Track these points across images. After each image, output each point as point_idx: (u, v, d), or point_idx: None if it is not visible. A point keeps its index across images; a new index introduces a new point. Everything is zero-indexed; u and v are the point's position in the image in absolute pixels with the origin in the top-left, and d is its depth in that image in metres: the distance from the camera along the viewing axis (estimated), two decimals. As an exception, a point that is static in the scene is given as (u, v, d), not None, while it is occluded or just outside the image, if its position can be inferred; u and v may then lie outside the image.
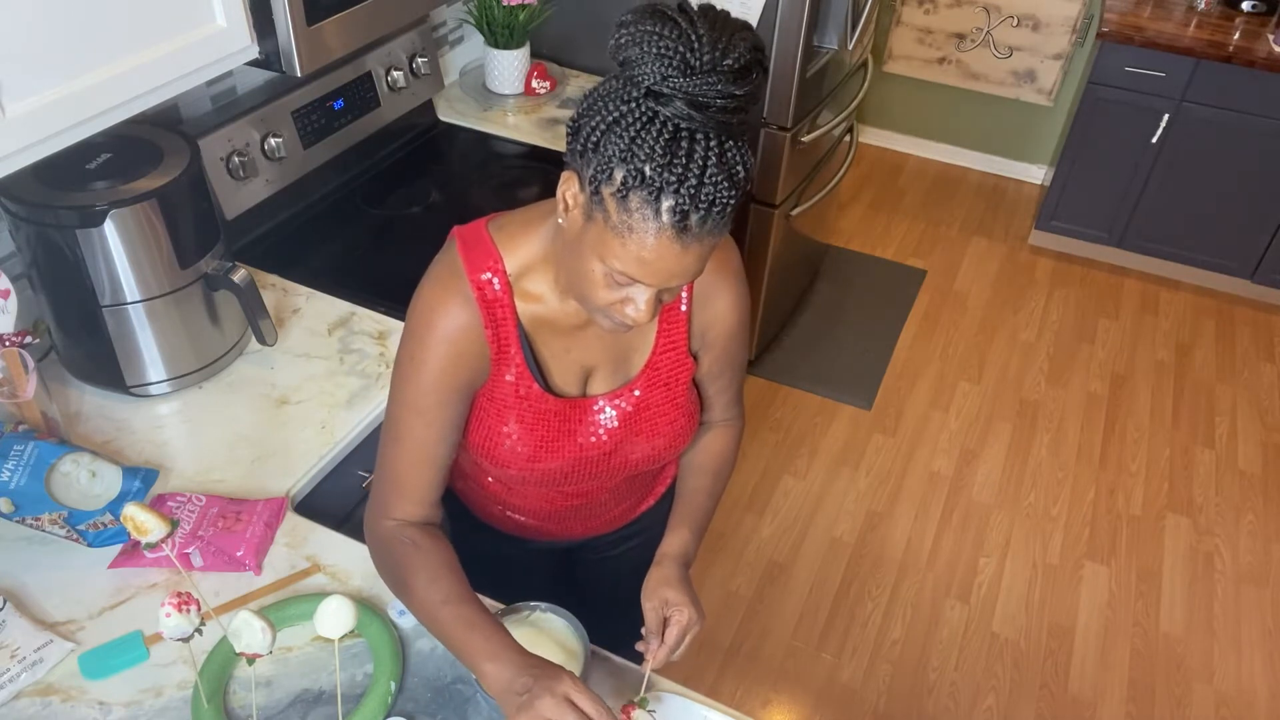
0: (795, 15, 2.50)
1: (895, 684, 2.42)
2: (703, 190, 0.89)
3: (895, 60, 4.36)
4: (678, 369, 1.22)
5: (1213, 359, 3.53)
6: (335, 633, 1.04)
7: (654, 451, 1.26)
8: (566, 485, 1.28)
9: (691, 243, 0.93)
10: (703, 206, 0.90)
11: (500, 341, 1.12)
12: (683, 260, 0.94)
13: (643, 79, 0.89)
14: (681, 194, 0.89)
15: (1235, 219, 3.64)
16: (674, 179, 0.88)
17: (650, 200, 0.90)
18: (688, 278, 0.98)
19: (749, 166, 0.94)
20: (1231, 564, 2.78)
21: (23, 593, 1.28)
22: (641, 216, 0.91)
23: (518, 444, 1.19)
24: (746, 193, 0.95)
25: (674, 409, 1.24)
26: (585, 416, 1.21)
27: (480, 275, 1.10)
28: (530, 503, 1.35)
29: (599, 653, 1.24)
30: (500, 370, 1.14)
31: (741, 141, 0.93)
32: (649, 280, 0.96)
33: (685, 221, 0.90)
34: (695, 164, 0.89)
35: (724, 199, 0.91)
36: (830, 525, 2.81)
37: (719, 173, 0.90)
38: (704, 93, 0.88)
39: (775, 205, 2.87)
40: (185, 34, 1.34)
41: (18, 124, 1.15)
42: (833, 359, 3.39)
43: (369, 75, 2.15)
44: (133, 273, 1.45)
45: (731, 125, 0.91)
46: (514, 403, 1.16)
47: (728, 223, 0.94)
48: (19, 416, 1.41)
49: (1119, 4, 3.67)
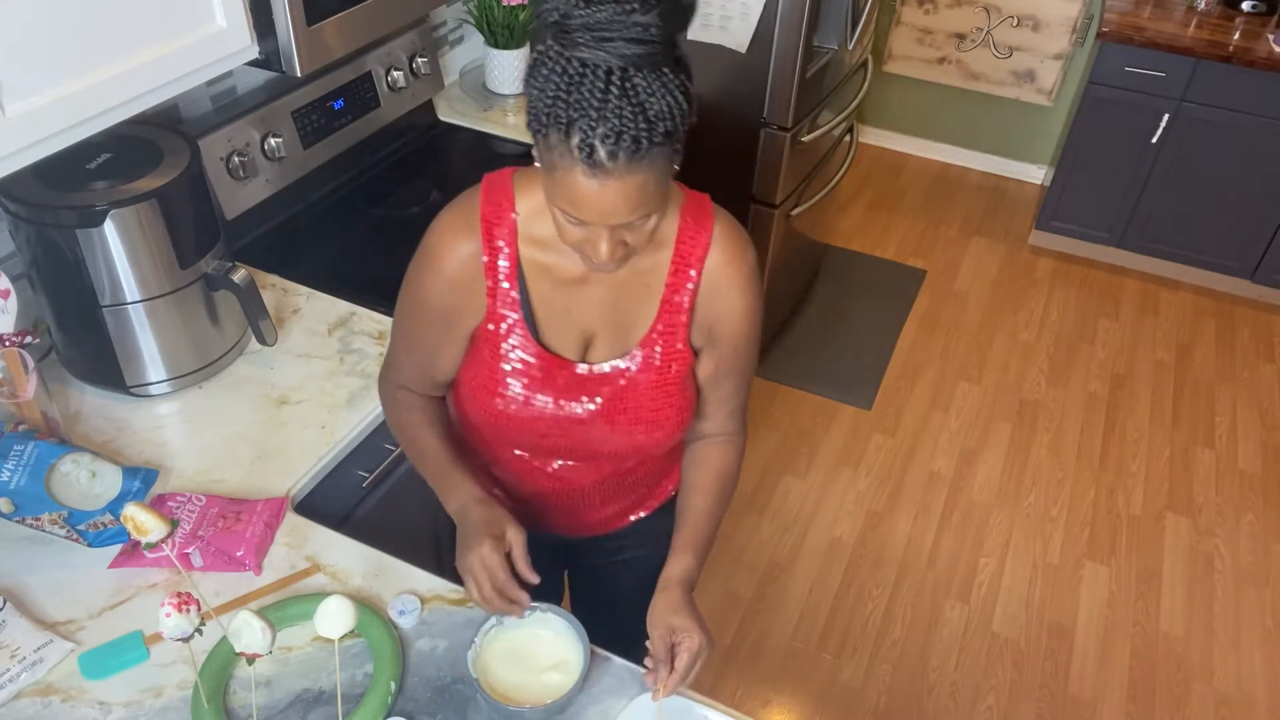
0: (795, 15, 2.50)
1: (895, 684, 2.42)
2: (604, 123, 0.90)
3: (895, 60, 4.36)
4: (673, 356, 1.20)
5: (1213, 359, 3.53)
6: (335, 633, 1.04)
7: (636, 437, 1.24)
8: (547, 456, 1.29)
9: (609, 179, 0.93)
10: (609, 140, 0.90)
11: (498, 277, 1.15)
12: (606, 196, 0.95)
13: (548, 15, 0.91)
14: (583, 127, 0.90)
15: (1235, 219, 3.64)
16: (576, 113, 0.90)
17: (562, 136, 0.92)
18: (623, 215, 0.97)
19: (674, 103, 0.93)
20: (1231, 564, 2.78)
21: (23, 593, 1.28)
22: (559, 154, 0.93)
23: (499, 386, 1.20)
24: (675, 133, 0.95)
25: (663, 397, 1.21)
26: (571, 379, 1.20)
27: (491, 211, 1.14)
28: (513, 477, 1.35)
29: (599, 653, 1.24)
30: (494, 305, 1.17)
31: (660, 75, 0.92)
32: (585, 217, 0.98)
33: (593, 155, 0.91)
34: (595, 96, 0.90)
35: (630, 132, 0.90)
36: (830, 525, 2.81)
37: (622, 105, 0.90)
38: (604, 24, 0.89)
39: (775, 205, 2.87)
40: (185, 34, 1.34)
41: (18, 124, 1.15)
42: (833, 359, 3.39)
43: (369, 75, 2.15)
44: (133, 273, 1.45)
45: (643, 58, 0.90)
46: (504, 343, 1.18)
47: (647, 159, 0.93)
48: (19, 416, 1.41)
49: (1119, 4, 3.67)
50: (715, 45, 2.64)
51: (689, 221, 1.16)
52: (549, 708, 1.13)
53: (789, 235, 3.10)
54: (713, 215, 1.18)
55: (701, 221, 1.16)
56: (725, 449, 1.33)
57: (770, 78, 2.64)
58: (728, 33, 2.61)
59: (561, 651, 1.20)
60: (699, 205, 1.18)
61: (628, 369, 1.20)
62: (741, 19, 2.56)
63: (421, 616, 1.27)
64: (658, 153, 0.94)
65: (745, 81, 2.67)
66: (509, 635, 1.21)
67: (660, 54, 0.91)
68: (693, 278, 1.17)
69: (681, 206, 1.16)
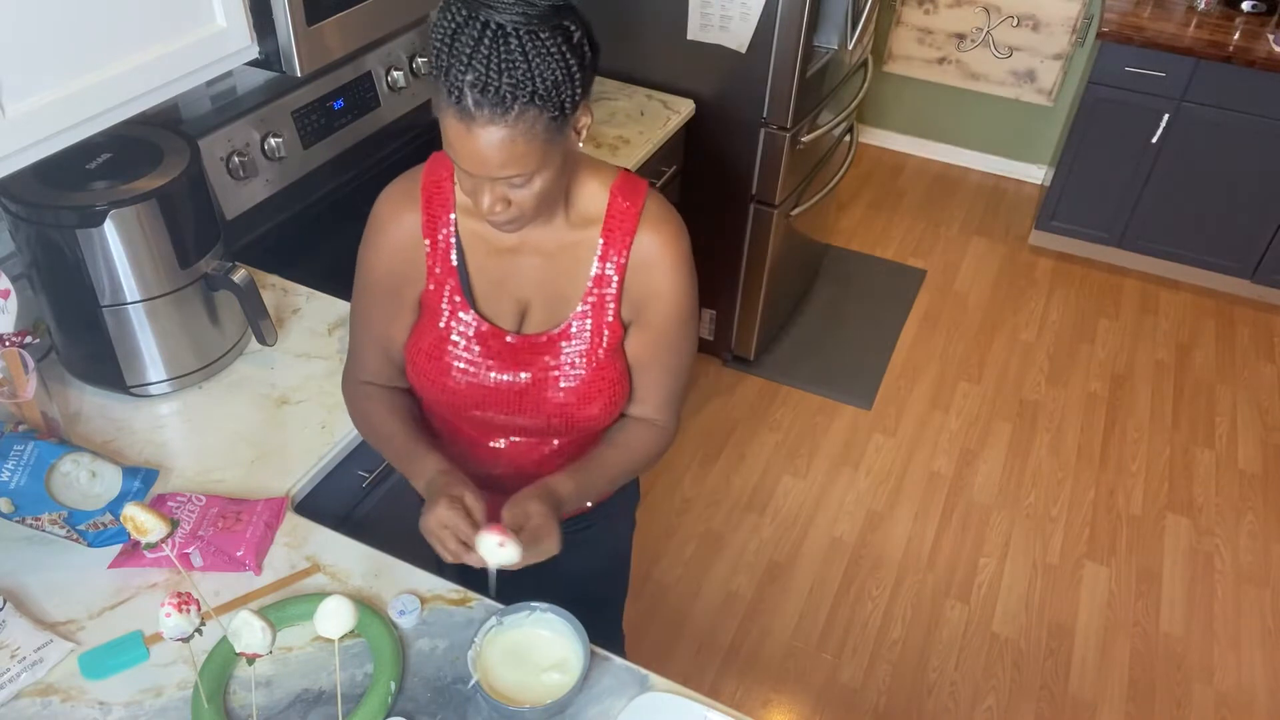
0: (795, 15, 2.50)
1: (895, 684, 2.42)
2: (472, 71, 0.96)
3: (895, 60, 4.36)
4: (603, 328, 1.23)
5: (1213, 359, 3.53)
6: (335, 633, 1.04)
7: (570, 411, 1.26)
8: (493, 431, 1.32)
9: (475, 126, 0.99)
10: (475, 88, 0.96)
11: (436, 245, 1.21)
12: (473, 143, 1.00)
13: None
14: (455, 73, 0.97)
15: (1235, 219, 3.64)
16: (452, 59, 0.97)
17: (441, 79, 0.98)
18: (494, 169, 1.02)
19: (548, 71, 0.98)
20: (1231, 564, 2.78)
21: (23, 593, 1.28)
22: (441, 96, 0.99)
23: (440, 353, 1.24)
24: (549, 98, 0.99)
25: (594, 370, 1.24)
26: (504, 348, 1.24)
27: (432, 183, 1.20)
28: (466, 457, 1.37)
29: (599, 653, 1.24)
30: (434, 272, 1.22)
31: (540, 40, 0.97)
32: (459, 162, 1.03)
33: (462, 100, 0.97)
34: (468, 46, 0.96)
35: (495, 84, 0.96)
36: (830, 525, 2.81)
37: (492, 57, 0.96)
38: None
39: (775, 205, 2.87)
40: (185, 34, 1.34)
41: (18, 124, 1.15)
42: (833, 359, 3.39)
43: (369, 75, 2.15)
44: (133, 273, 1.45)
45: (520, 21, 0.96)
46: (442, 308, 1.23)
47: (515, 114, 0.98)
48: (19, 416, 1.41)
49: (1119, 4, 3.67)
50: (715, 45, 2.64)
51: (618, 198, 1.20)
52: (549, 708, 1.13)
53: (789, 235, 3.10)
54: (645, 196, 1.21)
55: (632, 199, 1.20)
56: (650, 430, 1.35)
57: (770, 78, 2.64)
58: (728, 33, 2.61)
59: (561, 651, 1.20)
60: (632, 185, 1.21)
61: (559, 340, 1.23)
62: (741, 19, 2.56)
63: (421, 616, 1.27)
64: (528, 112, 0.99)
65: (745, 81, 2.67)
66: (509, 635, 1.21)
67: (538, 20, 0.97)
68: (622, 252, 1.20)
69: (613, 184, 1.20)
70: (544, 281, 1.22)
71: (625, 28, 2.72)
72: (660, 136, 2.55)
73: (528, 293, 1.23)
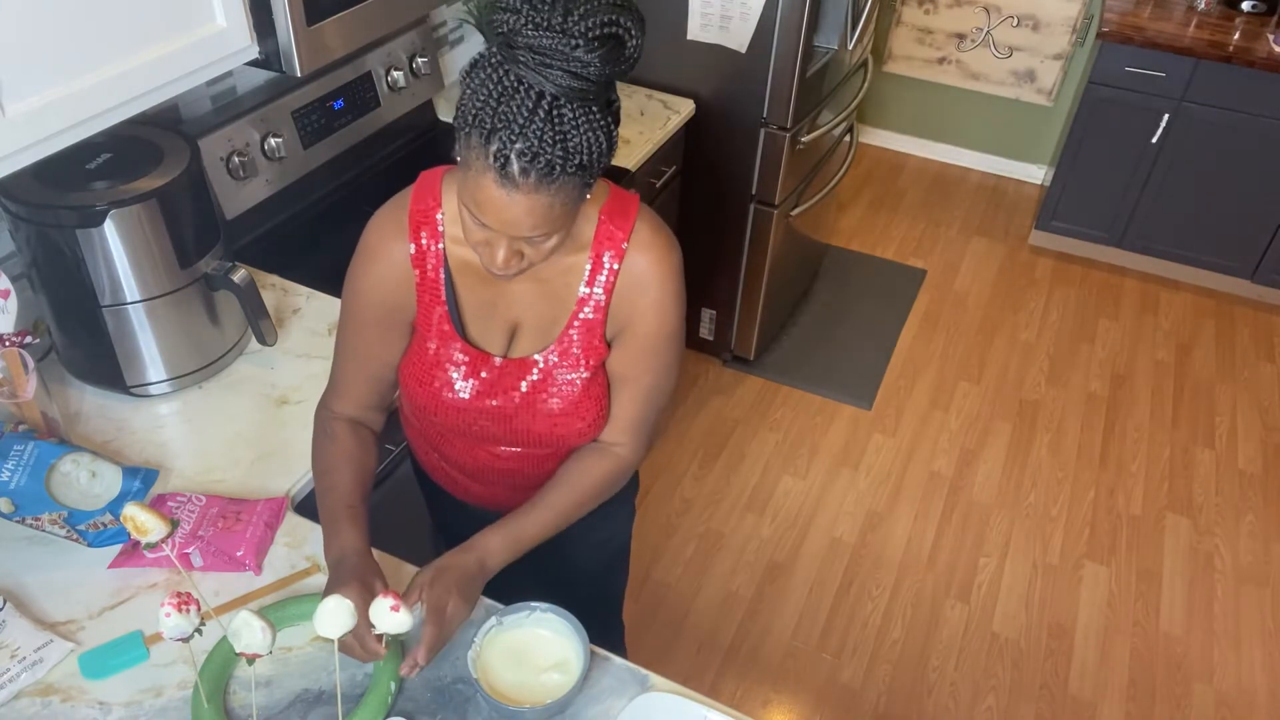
0: (795, 15, 2.50)
1: (895, 684, 2.42)
2: (523, 140, 0.94)
3: (895, 60, 4.36)
4: (590, 350, 1.23)
5: (1213, 359, 3.53)
6: (335, 633, 1.05)
7: (558, 429, 1.26)
8: (485, 442, 1.32)
9: (516, 193, 0.97)
10: (524, 157, 0.94)
11: (425, 273, 1.20)
12: (510, 208, 0.99)
13: (497, 26, 0.93)
14: (503, 138, 0.94)
15: (1235, 219, 3.64)
16: (500, 123, 0.94)
17: (481, 140, 0.95)
18: (524, 230, 1.01)
19: (596, 143, 0.97)
20: (1231, 564, 2.78)
21: (23, 593, 1.28)
22: (476, 155, 0.97)
23: (429, 379, 1.25)
24: (591, 168, 0.99)
25: (581, 390, 1.24)
26: (492, 372, 1.24)
27: (419, 210, 1.19)
28: (459, 456, 1.37)
29: (599, 653, 1.24)
30: (423, 300, 1.22)
31: (591, 113, 0.96)
32: (488, 222, 1.01)
33: (507, 167, 0.95)
34: (522, 113, 0.93)
35: (546, 155, 0.94)
36: (830, 525, 2.81)
37: (546, 129, 0.94)
38: (547, 51, 0.92)
39: (775, 205, 2.87)
40: (185, 34, 1.34)
41: (18, 124, 1.15)
42: (833, 359, 3.39)
43: (369, 75, 2.15)
44: (133, 273, 1.45)
45: (575, 91, 0.94)
46: (431, 336, 1.23)
47: (558, 184, 0.97)
48: (19, 416, 1.41)
49: (1119, 4, 3.67)
50: (715, 45, 2.64)
51: (606, 221, 1.18)
52: (549, 708, 1.13)
53: (789, 235, 3.10)
54: (634, 216, 1.20)
55: (620, 222, 1.19)
56: (609, 459, 1.30)
57: (770, 78, 2.64)
58: (728, 33, 2.61)
59: (561, 651, 1.20)
60: (622, 206, 1.20)
61: (546, 361, 1.23)
62: (741, 19, 2.56)
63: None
64: (569, 181, 0.98)
65: (745, 81, 2.67)
66: (509, 635, 1.21)
67: (593, 92, 0.95)
68: (609, 274, 1.19)
69: (601, 206, 1.19)
70: (533, 304, 1.22)
71: (625, 28, 2.72)
72: (660, 136, 2.55)
73: (517, 315, 1.23)
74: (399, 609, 1.07)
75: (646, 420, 1.31)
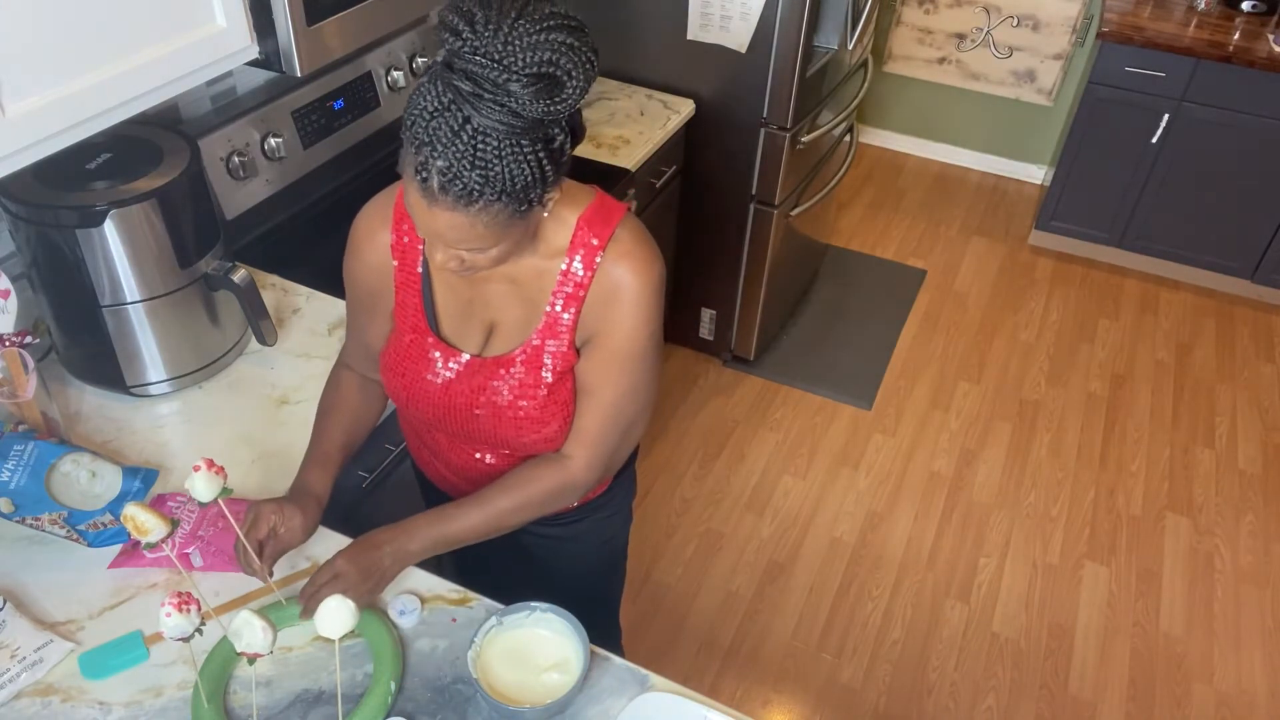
0: (795, 15, 2.50)
1: (895, 684, 2.42)
2: (444, 160, 0.94)
3: (895, 60, 4.36)
4: (557, 355, 1.22)
5: (1213, 359, 3.53)
6: (335, 633, 1.05)
7: (524, 433, 1.25)
8: (462, 441, 1.33)
9: (437, 207, 0.98)
10: (444, 175, 0.95)
11: (405, 263, 1.23)
12: (433, 220, 1.00)
13: (441, 45, 0.94)
14: (427, 153, 0.95)
15: (1235, 219, 3.64)
16: (427, 138, 0.94)
17: (412, 150, 0.97)
18: (449, 242, 1.03)
19: (521, 175, 0.96)
20: (1231, 564, 2.78)
21: (23, 593, 1.28)
22: (407, 162, 0.98)
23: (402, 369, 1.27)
24: (518, 196, 0.98)
25: (547, 395, 1.22)
26: (461, 368, 1.25)
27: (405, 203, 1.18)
28: (444, 450, 1.39)
29: (599, 653, 1.24)
30: (401, 291, 1.25)
31: (519, 146, 0.95)
32: (418, 228, 1.04)
33: (428, 181, 0.96)
34: (445, 133, 0.93)
35: (464, 179, 0.95)
36: (830, 525, 2.81)
37: (467, 154, 0.94)
38: (480, 80, 0.91)
39: (775, 205, 2.87)
40: (185, 34, 1.34)
41: (18, 124, 1.15)
42: (833, 359, 3.39)
43: (369, 75, 2.15)
44: (133, 273, 1.45)
45: (505, 125, 0.93)
46: (406, 327, 1.26)
47: (479, 207, 0.97)
48: (19, 416, 1.41)
49: (1119, 4, 3.67)
50: (715, 45, 2.64)
51: (583, 228, 1.16)
52: (549, 708, 1.13)
53: (789, 235, 3.10)
54: (615, 224, 1.18)
55: (599, 229, 1.16)
56: (558, 469, 1.27)
57: (770, 78, 2.64)
58: (728, 33, 2.61)
59: (561, 651, 1.20)
60: (603, 215, 1.18)
61: (515, 363, 1.23)
62: (741, 19, 2.56)
63: (421, 616, 1.27)
64: (494, 207, 0.98)
65: (745, 81, 2.67)
66: (509, 635, 1.21)
67: (522, 129, 0.94)
68: (579, 281, 1.17)
69: (580, 214, 1.17)
70: (508, 306, 1.22)
71: (625, 28, 2.72)
72: (660, 136, 2.55)
73: (494, 315, 1.24)
74: (198, 469, 1.11)
75: (606, 438, 1.27)
